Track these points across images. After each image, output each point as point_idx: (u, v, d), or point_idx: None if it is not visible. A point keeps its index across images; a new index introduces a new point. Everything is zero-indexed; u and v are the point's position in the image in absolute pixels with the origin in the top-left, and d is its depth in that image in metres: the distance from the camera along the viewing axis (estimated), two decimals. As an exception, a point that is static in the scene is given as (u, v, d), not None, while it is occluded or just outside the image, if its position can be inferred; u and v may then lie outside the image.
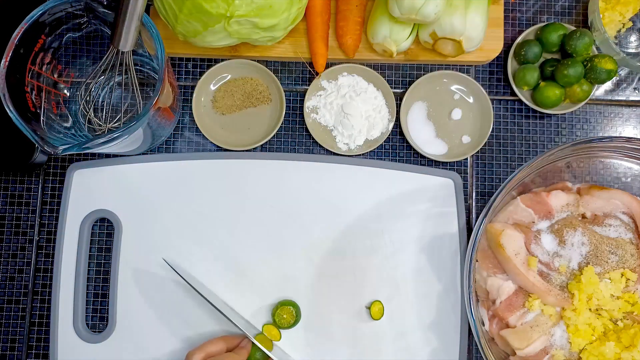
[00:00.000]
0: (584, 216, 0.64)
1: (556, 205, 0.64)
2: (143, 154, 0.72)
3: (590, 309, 0.59)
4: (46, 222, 0.71)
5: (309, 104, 0.72)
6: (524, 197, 0.64)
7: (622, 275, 0.60)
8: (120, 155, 0.71)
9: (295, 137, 0.73)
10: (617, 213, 0.64)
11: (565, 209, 0.64)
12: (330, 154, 0.72)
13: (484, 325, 0.62)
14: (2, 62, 0.55)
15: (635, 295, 0.59)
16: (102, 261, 0.70)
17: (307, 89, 0.72)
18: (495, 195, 0.57)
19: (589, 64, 0.68)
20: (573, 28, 0.71)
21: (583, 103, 0.71)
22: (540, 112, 0.73)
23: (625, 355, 0.56)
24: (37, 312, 0.70)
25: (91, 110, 0.69)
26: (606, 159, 0.65)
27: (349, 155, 0.71)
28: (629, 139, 0.59)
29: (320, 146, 0.72)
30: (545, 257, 0.61)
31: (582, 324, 0.59)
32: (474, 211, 0.72)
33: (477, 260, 0.62)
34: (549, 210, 0.63)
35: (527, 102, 0.72)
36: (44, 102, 0.62)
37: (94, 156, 0.72)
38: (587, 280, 0.58)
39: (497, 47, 0.72)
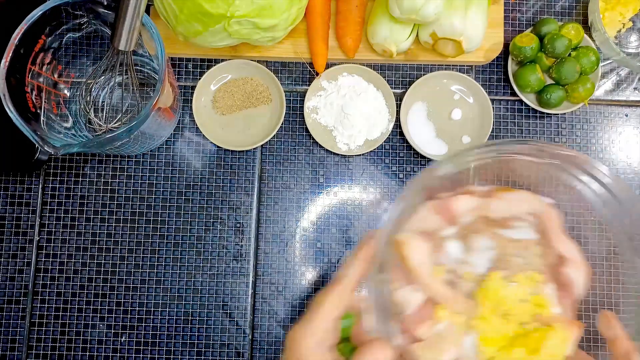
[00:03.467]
0: (490, 219, 0.63)
1: (461, 211, 0.62)
2: (143, 154, 0.72)
3: (499, 315, 0.58)
4: (46, 222, 0.71)
5: (309, 104, 0.72)
6: (429, 204, 0.63)
7: (529, 277, 0.59)
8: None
9: (295, 137, 0.73)
10: (523, 214, 0.63)
11: (471, 213, 0.63)
12: (330, 154, 0.72)
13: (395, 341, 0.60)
14: (2, 62, 0.55)
15: (543, 296, 0.58)
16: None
17: (307, 89, 0.72)
18: (395, 205, 0.55)
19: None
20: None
21: (583, 103, 0.71)
22: (540, 112, 0.73)
23: None
24: (37, 312, 0.70)
25: (91, 110, 0.69)
26: (514, 160, 0.63)
27: (349, 155, 0.71)
28: (536, 144, 0.57)
29: (320, 146, 0.72)
30: (452, 264, 0.59)
31: (491, 331, 0.57)
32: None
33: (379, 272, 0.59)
34: (454, 215, 0.62)
35: (527, 102, 0.72)
36: (44, 102, 0.62)
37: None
38: (492, 286, 0.57)
39: (497, 47, 0.72)
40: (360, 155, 0.72)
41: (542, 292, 0.59)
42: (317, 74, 0.72)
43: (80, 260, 0.71)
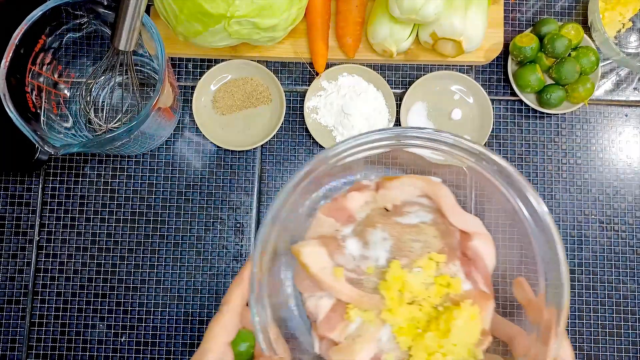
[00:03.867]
0: (385, 210, 0.63)
1: (355, 207, 0.61)
2: (143, 154, 0.72)
3: (408, 303, 0.56)
4: (46, 222, 0.71)
5: (309, 104, 0.72)
6: (323, 208, 0.62)
7: (431, 259, 0.58)
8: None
9: (295, 137, 0.73)
10: (414, 198, 0.62)
11: (365, 208, 0.62)
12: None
13: (314, 350, 0.59)
14: (2, 62, 0.55)
15: (448, 275, 0.57)
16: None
17: (307, 89, 0.72)
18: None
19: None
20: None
21: (583, 103, 0.71)
22: (540, 112, 0.73)
23: (445, 343, 0.54)
24: (37, 312, 0.70)
25: (91, 110, 0.69)
26: (409, 147, 0.62)
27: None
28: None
29: (321, 146, 0.72)
30: (352, 263, 0.58)
31: (403, 321, 0.56)
32: (473, 212, 0.72)
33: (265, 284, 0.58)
34: (349, 214, 0.61)
35: (527, 102, 0.72)
36: (44, 102, 0.62)
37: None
38: (392, 276, 0.55)
39: (497, 47, 0.72)
40: (360, 155, 0.72)
41: (446, 272, 0.58)
42: (317, 74, 0.72)
43: (80, 260, 0.71)
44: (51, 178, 0.72)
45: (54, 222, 0.71)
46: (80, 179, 0.72)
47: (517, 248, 0.54)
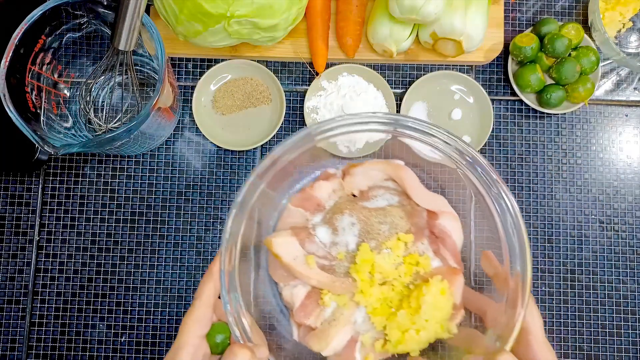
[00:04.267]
0: (353, 196, 0.64)
1: (323, 196, 0.62)
2: (143, 154, 0.72)
3: (379, 284, 0.57)
4: (46, 222, 0.71)
5: (309, 104, 0.72)
6: (292, 199, 0.63)
7: (399, 240, 0.59)
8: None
9: (336, 158, 0.73)
10: (380, 182, 0.63)
11: (333, 196, 0.63)
12: (330, 155, 0.72)
13: (293, 337, 0.59)
14: (2, 62, 0.55)
15: (416, 254, 0.58)
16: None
17: (307, 89, 0.72)
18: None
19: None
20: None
21: (583, 103, 0.71)
22: (540, 112, 0.73)
23: (417, 320, 0.54)
24: (37, 312, 0.70)
25: (91, 110, 0.69)
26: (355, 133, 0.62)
27: (349, 158, 0.71)
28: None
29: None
30: (323, 250, 0.59)
31: (376, 302, 0.57)
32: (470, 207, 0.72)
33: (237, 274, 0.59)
34: (317, 203, 0.62)
35: (528, 102, 0.72)
36: (44, 102, 0.62)
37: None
38: (362, 259, 0.56)
39: (497, 47, 0.72)
40: (361, 157, 0.72)
41: (414, 251, 0.59)
42: (317, 74, 0.72)
43: (80, 260, 0.71)
44: (51, 178, 0.72)
45: (54, 222, 0.71)
46: (80, 179, 0.72)
47: (484, 224, 0.55)
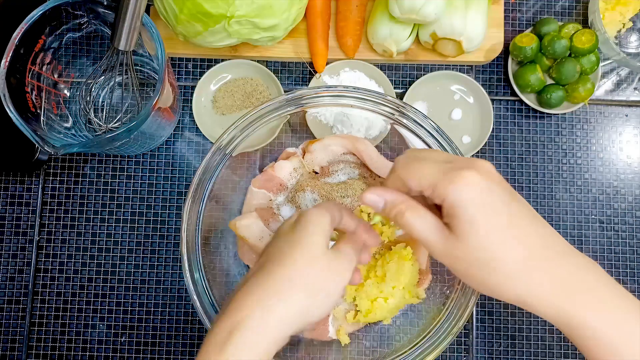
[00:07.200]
0: (315, 173, 0.64)
1: (285, 176, 0.63)
2: (143, 154, 0.72)
3: None
4: (46, 222, 0.71)
5: (309, 104, 0.72)
6: (254, 181, 0.63)
7: (362, 211, 0.59)
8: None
9: (295, 137, 0.73)
10: (339, 157, 0.63)
11: (295, 174, 0.63)
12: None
13: None
14: (2, 62, 0.55)
15: (378, 224, 0.58)
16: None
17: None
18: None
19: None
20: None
21: (583, 103, 0.71)
22: (540, 112, 0.73)
23: (384, 288, 0.55)
24: (37, 312, 0.70)
25: (91, 110, 0.69)
26: (314, 107, 0.62)
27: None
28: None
29: (321, 146, 0.72)
30: None
31: None
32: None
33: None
34: (279, 183, 0.63)
35: (528, 102, 0.72)
36: (44, 102, 0.62)
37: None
38: None
39: (497, 47, 0.72)
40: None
41: (378, 221, 0.59)
42: (317, 74, 0.72)
43: (80, 260, 0.71)
44: (51, 178, 0.72)
45: (54, 222, 0.71)
46: (80, 179, 0.72)
47: None
